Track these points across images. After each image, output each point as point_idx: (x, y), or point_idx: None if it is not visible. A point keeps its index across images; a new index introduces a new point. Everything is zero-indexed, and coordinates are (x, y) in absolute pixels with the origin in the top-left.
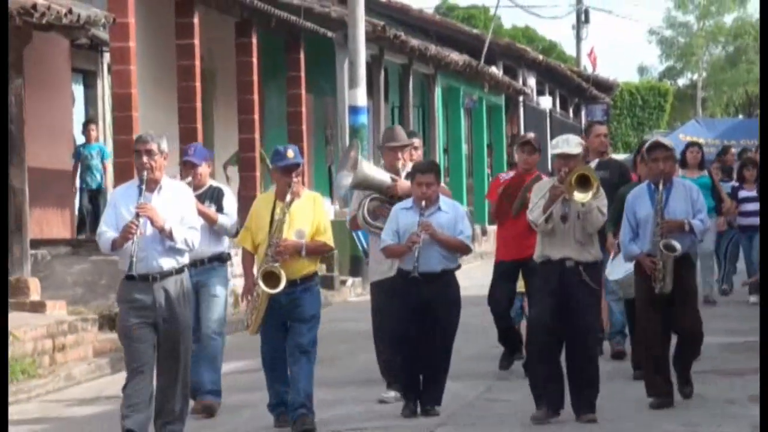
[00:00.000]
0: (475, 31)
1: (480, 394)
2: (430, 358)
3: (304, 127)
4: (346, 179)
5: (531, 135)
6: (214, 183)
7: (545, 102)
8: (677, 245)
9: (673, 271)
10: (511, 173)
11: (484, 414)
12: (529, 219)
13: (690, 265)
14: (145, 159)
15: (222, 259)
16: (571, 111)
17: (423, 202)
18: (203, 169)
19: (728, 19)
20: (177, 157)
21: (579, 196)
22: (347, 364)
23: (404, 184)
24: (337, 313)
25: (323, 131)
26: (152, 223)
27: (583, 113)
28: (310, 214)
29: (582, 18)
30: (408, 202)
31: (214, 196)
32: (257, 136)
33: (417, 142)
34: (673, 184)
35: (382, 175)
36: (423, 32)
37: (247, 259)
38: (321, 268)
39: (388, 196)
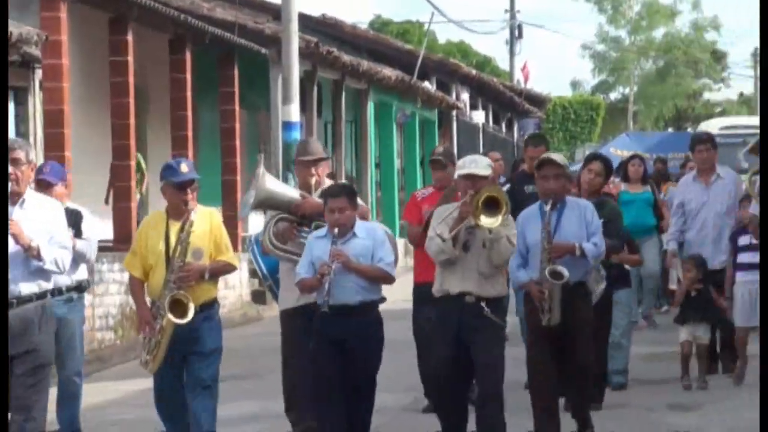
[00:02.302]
0: (407, 46)
1: (407, 405)
2: (350, 406)
3: (237, 142)
4: (252, 198)
5: (439, 150)
6: (72, 205)
7: (478, 116)
8: (565, 272)
9: (563, 301)
10: (429, 189)
11: (412, 426)
12: (431, 250)
13: (585, 294)
14: (10, 169)
15: (81, 288)
16: (503, 125)
17: (336, 230)
18: (59, 188)
19: (658, 33)
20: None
21: (486, 221)
22: (276, 378)
23: (314, 201)
24: (269, 327)
25: (257, 147)
26: (16, 240)
27: (515, 127)
28: (208, 232)
29: (515, 33)
30: (323, 231)
31: (71, 219)
32: (190, 152)
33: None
34: (566, 204)
35: (290, 192)
36: (356, 48)
37: (137, 286)
38: (253, 283)
39: (297, 216)
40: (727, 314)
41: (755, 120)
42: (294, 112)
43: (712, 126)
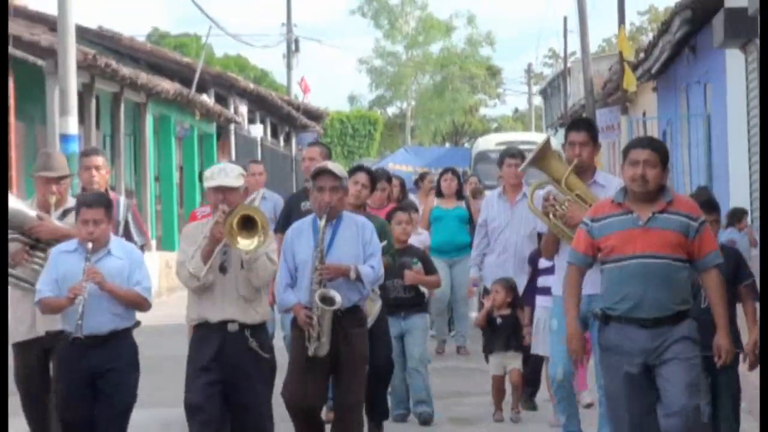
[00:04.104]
0: (186, 59)
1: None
2: None
3: (13, 154)
4: None
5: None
6: None
7: (256, 130)
8: (337, 297)
9: (335, 330)
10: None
11: None
12: (181, 276)
13: (359, 322)
14: None
15: None
16: (281, 139)
17: (90, 244)
18: None
19: (435, 48)
20: None
21: (244, 243)
22: None
23: (51, 224)
24: None
25: (34, 160)
26: None
27: (293, 142)
28: None
29: (292, 47)
30: (71, 244)
31: None
32: None
33: (100, 160)
34: (342, 220)
35: (24, 210)
36: (134, 60)
37: None
38: None
39: (31, 238)
40: (527, 341)
41: (530, 135)
42: (72, 125)
43: (489, 141)
